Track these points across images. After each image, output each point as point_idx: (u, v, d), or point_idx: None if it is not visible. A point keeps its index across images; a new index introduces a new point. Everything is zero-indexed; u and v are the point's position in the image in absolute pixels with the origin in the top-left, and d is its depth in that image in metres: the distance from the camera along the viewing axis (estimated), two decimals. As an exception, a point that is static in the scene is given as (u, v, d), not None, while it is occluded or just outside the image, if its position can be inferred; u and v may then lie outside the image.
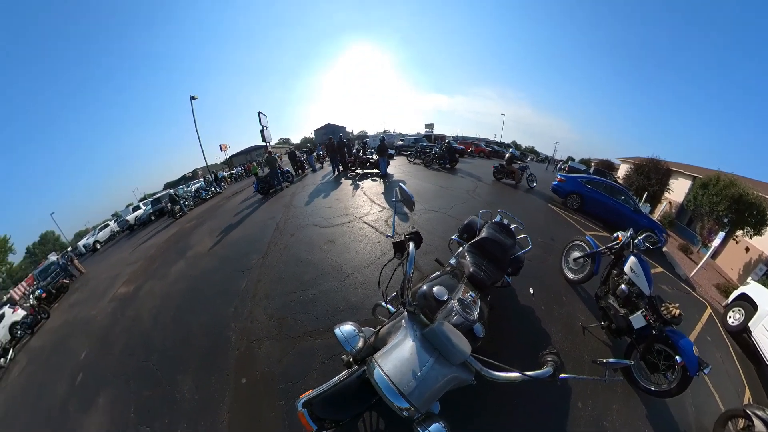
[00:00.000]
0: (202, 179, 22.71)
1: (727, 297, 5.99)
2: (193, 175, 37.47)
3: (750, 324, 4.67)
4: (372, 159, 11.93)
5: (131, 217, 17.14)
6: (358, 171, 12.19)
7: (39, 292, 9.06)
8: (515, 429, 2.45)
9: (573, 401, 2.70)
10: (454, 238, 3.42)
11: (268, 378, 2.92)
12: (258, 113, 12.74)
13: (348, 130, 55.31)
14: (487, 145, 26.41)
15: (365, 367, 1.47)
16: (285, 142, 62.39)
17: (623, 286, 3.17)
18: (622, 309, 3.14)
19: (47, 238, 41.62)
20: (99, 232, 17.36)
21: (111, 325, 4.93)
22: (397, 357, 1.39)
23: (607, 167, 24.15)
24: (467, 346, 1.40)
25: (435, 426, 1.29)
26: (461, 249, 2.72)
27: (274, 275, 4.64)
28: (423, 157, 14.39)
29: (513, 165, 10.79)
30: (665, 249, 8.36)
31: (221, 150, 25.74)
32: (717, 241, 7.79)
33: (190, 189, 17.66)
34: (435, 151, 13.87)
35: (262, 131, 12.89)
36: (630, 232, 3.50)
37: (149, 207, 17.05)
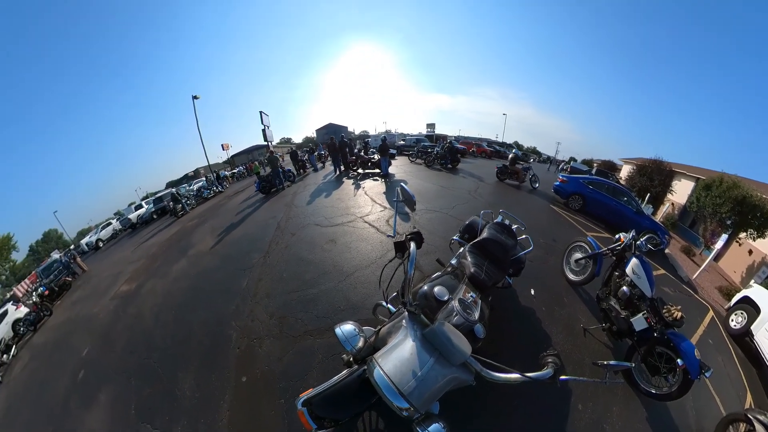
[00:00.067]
0: (204, 178, 22.79)
1: (730, 300, 5.96)
2: (195, 174, 37.61)
3: (752, 327, 4.64)
4: (373, 159, 11.93)
5: (133, 216, 17.22)
6: (359, 171, 12.19)
7: (42, 289, 9.14)
8: (515, 430, 2.45)
9: (573, 403, 2.69)
10: (455, 238, 3.41)
11: (268, 376, 2.93)
12: (260, 113, 12.75)
13: (350, 129, 55.38)
14: (489, 146, 26.39)
15: (365, 367, 1.47)
16: (287, 141, 62.48)
17: (625, 287, 3.16)
18: (623, 311, 3.13)
19: (50, 236, 41.90)
20: (101, 230, 17.45)
21: (113, 323, 4.96)
22: (398, 357, 1.39)
23: (610, 168, 24.05)
24: (467, 346, 1.40)
25: (434, 426, 1.29)
26: (462, 249, 2.72)
27: (275, 274, 4.66)
28: (424, 157, 14.37)
29: (516, 165, 10.77)
30: (667, 251, 8.31)
31: (223, 149, 25.86)
32: (720, 244, 7.74)
33: (192, 188, 17.72)
34: (436, 151, 13.86)
35: (263, 131, 12.90)
36: (632, 233, 3.48)
37: (151, 206, 17.10)
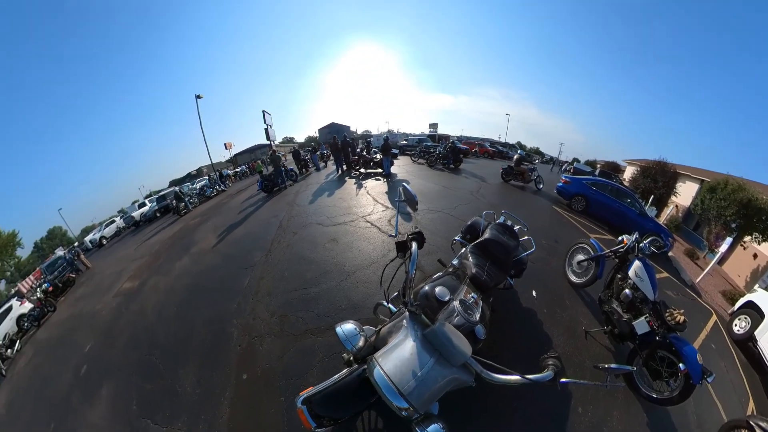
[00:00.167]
0: (206, 177, 22.89)
1: (734, 304, 5.90)
2: (198, 173, 37.79)
3: (756, 333, 4.60)
4: (376, 158, 11.93)
5: (137, 214, 17.34)
6: (361, 170, 12.19)
7: (46, 285, 9.22)
8: (515, 432, 2.44)
9: (573, 406, 2.68)
10: (457, 238, 3.40)
11: (268, 374, 2.94)
12: (262, 112, 12.78)
13: (352, 129, 55.39)
14: (492, 146, 26.34)
15: (365, 366, 1.48)
16: (289, 140, 62.62)
17: (627, 290, 3.14)
18: (625, 314, 3.11)
19: (54, 233, 42.31)
20: (105, 228, 17.58)
21: (115, 319, 5.00)
22: (398, 357, 1.39)
23: (613, 169, 23.94)
24: (468, 347, 1.39)
25: (433, 427, 1.29)
26: (464, 250, 2.71)
27: (276, 273, 4.67)
28: (427, 157, 14.36)
29: (522, 166, 10.74)
30: (671, 254, 8.25)
31: (226, 148, 26.01)
32: (724, 247, 7.67)
33: (194, 187, 17.81)
34: (439, 151, 13.85)
35: (266, 130, 12.93)
36: (635, 235, 3.46)
37: (154, 204, 17.22)
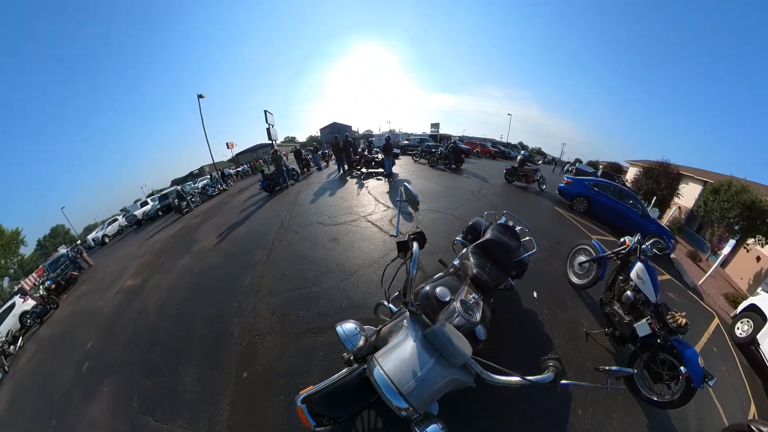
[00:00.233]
0: (208, 176, 22.95)
1: (736, 307, 5.87)
2: (200, 172, 37.92)
3: (758, 336, 4.57)
4: (377, 158, 11.93)
5: (139, 212, 17.42)
6: (363, 170, 12.19)
7: (49, 283, 9.29)
8: (515, 433, 2.43)
9: (573, 408, 2.67)
10: (458, 239, 3.40)
11: (269, 373, 2.95)
12: (264, 111, 12.80)
13: (353, 129, 55.39)
14: (494, 146, 26.28)
15: (365, 366, 1.48)
16: (291, 140, 62.69)
17: (629, 292, 3.13)
18: (627, 316, 3.10)
19: (57, 231, 42.56)
20: (107, 226, 17.67)
21: (117, 317, 5.03)
22: (398, 357, 1.39)
23: (616, 170, 23.80)
24: (468, 348, 1.40)
25: (432, 427, 1.29)
26: (465, 250, 2.71)
27: (277, 272, 4.68)
28: (428, 157, 14.35)
29: (526, 167, 10.71)
30: (673, 256, 8.20)
31: (228, 148, 26.06)
32: (727, 249, 7.63)
33: (196, 185, 17.89)
34: (440, 151, 13.82)
35: (268, 129, 12.95)
36: (637, 237, 3.45)
37: (157, 203, 17.29)
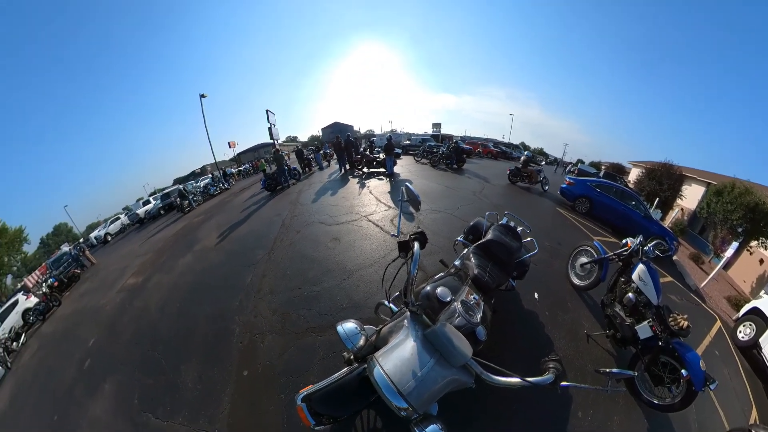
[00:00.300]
0: (210, 175, 23.03)
1: (738, 310, 5.83)
2: (202, 172, 38.03)
3: (761, 340, 4.53)
4: (379, 158, 11.94)
5: (141, 211, 17.46)
6: (364, 170, 12.20)
7: (51, 280, 9.34)
8: (514, 434, 2.43)
9: (573, 410, 2.66)
10: (459, 239, 3.40)
11: (269, 371, 2.96)
12: (266, 111, 12.82)
13: (355, 128, 55.39)
14: (495, 146, 26.21)
15: (365, 365, 1.48)
16: (293, 140, 62.77)
17: (630, 294, 3.11)
18: (628, 318, 3.09)
19: (60, 229, 42.83)
20: (110, 224, 17.73)
21: (119, 315, 5.05)
22: (398, 356, 1.39)
23: (618, 171, 23.70)
24: (468, 348, 1.39)
25: (432, 427, 1.29)
26: (466, 250, 2.70)
27: (279, 271, 4.69)
28: (430, 157, 14.34)
29: (529, 167, 10.70)
30: (675, 258, 8.16)
31: (230, 147, 26.07)
32: (730, 252, 7.57)
33: (198, 185, 17.92)
34: (442, 151, 13.80)
35: (270, 129, 12.97)
36: (639, 238, 3.43)
37: (159, 201, 17.32)
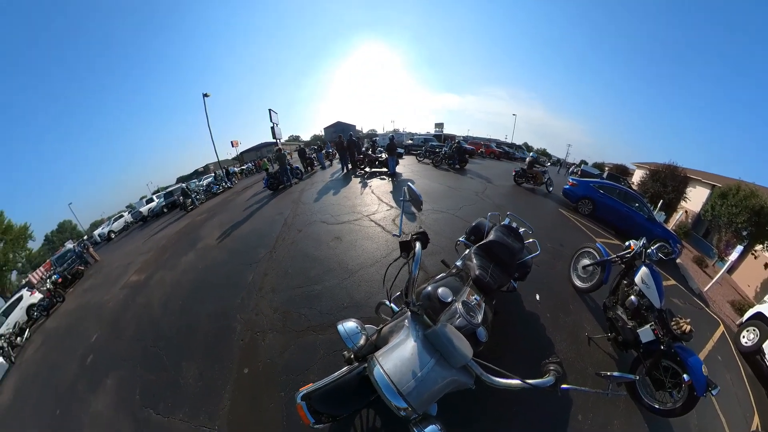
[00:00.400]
0: (213, 174, 23.10)
1: (742, 315, 5.77)
2: (205, 170, 38.21)
3: (765, 345, 4.48)
4: (381, 158, 11.93)
5: (144, 209, 17.58)
6: (366, 169, 12.20)
7: (55, 277, 9.42)
8: (514, 436, 2.42)
9: (573, 413, 2.65)
10: (461, 239, 3.39)
11: (269, 369, 2.97)
12: (269, 110, 12.89)
13: (358, 128, 55.39)
14: (498, 146, 26.10)
15: (366, 365, 1.49)
16: (295, 139, 62.93)
17: (633, 297, 3.10)
18: (630, 321, 3.07)
19: (65, 226, 43.28)
20: (114, 222, 17.93)
21: (122, 311, 5.09)
22: (398, 356, 1.39)
23: (622, 172, 23.57)
24: (469, 349, 1.39)
25: (431, 428, 1.29)
26: (468, 251, 2.70)
27: (280, 270, 4.71)
28: (432, 157, 14.30)
29: (534, 168, 10.67)
30: (679, 261, 8.09)
31: (232, 146, 26.24)
32: (734, 255, 7.52)
33: (201, 183, 18.04)
34: (444, 151, 13.76)
35: (272, 128, 13.03)
36: (643, 241, 3.41)
37: (162, 200, 17.43)
